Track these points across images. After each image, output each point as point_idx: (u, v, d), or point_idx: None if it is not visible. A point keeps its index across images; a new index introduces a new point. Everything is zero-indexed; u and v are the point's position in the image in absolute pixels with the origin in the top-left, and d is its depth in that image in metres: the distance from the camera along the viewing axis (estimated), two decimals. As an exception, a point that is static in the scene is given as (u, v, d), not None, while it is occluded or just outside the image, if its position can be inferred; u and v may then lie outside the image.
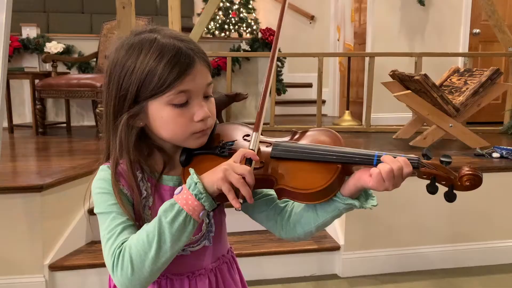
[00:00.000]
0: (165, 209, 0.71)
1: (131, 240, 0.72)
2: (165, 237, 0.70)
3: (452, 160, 0.73)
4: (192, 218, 0.71)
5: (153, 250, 0.69)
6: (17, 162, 2.63)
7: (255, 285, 2.16)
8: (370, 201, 0.78)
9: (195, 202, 0.71)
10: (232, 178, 0.70)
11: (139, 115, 0.78)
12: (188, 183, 0.72)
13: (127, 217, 0.76)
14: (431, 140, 2.94)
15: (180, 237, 0.71)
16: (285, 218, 0.86)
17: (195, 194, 0.70)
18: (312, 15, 5.91)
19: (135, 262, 0.70)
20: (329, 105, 5.61)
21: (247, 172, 0.71)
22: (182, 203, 0.71)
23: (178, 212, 0.70)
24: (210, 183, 0.71)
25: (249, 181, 0.71)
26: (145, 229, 0.72)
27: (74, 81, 3.54)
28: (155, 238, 0.70)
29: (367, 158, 0.75)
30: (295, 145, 0.81)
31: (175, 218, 0.70)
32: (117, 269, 0.70)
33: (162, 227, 0.70)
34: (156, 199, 0.82)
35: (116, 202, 0.77)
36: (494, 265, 2.40)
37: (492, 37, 4.13)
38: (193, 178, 0.72)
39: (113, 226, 0.74)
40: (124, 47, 0.79)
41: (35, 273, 1.99)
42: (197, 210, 0.71)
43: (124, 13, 2.79)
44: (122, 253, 0.71)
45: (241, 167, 0.72)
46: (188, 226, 0.71)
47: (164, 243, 0.70)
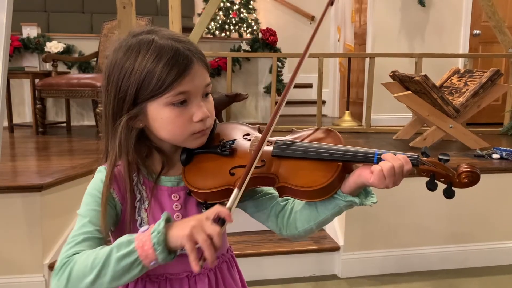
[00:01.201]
0: (121, 243, 0.69)
1: (80, 256, 0.70)
2: (108, 270, 0.68)
3: (450, 158, 0.75)
4: (142, 264, 0.68)
5: (91, 277, 0.68)
6: (17, 161, 2.63)
7: (255, 285, 2.16)
8: (370, 198, 0.79)
9: (150, 250, 0.67)
10: (199, 237, 0.65)
11: (138, 116, 0.78)
12: (154, 228, 0.68)
13: (97, 228, 0.75)
14: (431, 141, 2.94)
15: (121, 277, 0.68)
16: (286, 216, 0.86)
17: (153, 242, 0.67)
18: (313, 16, 5.91)
19: (72, 279, 0.69)
20: (329, 106, 5.61)
21: (216, 234, 0.65)
22: (139, 245, 0.67)
23: (130, 251, 0.68)
24: (174, 237, 0.67)
25: (217, 243, 0.65)
26: (96, 252, 0.70)
27: (74, 80, 3.54)
28: (98, 267, 0.68)
29: (367, 156, 0.76)
30: (296, 144, 0.81)
31: (125, 256, 0.67)
32: (56, 276, 0.70)
33: (109, 259, 0.68)
34: (152, 201, 0.82)
35: (96, 208, 0.77)
36: (494, 266, 2.41)
37: (492, 38, 4.13)
38: (160, 225, 0.68)
39: (79, 232, 0.74)
40: (122, 49, 0.78)
41: (35, 273, 1.99)
42: (149, 258, 0.67)
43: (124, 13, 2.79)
44: (67, 265, 0.70)
45: (211, 227, 0.66)
46: (134, 270, 0.68)
47: (104, 276, 0.68)
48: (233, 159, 0.81)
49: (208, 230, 0.65)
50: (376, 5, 4.53)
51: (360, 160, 0.77)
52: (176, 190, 0.84)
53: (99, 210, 0.77)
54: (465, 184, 0.74)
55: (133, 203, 0.80)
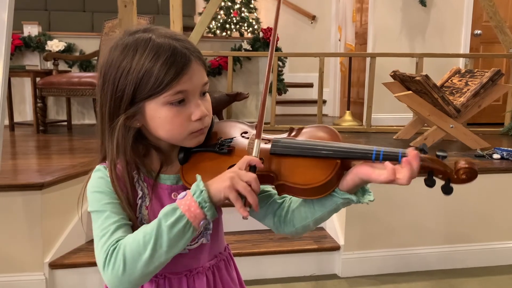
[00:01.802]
0: (166, 213, 0.70)
1: (126, 239, 0.70)
2: (162, 241, 0.69)
3: (447, 154, 0.75)
4: (192, 226, 0.70)
5: (147, 252, 0.68)
6: (18, 160, 2.63)
7: (255, 285, 2.17)
8: (367, 196, 0.79)
9: (198, 210, 0.69)
10: (239, 186, 0.69)
11: (135, 116, 0.78)
12: (193, 189, 0.71)
13: (122, 216, 0.75)
14: (431, 140, 2.94)
15: (177, 243, 0.70)
16: (283, 214, 0.87)
17: (199, 201, 0.69)
18: (314, 15, 5.91)
19: (128, 262, 0.68)
20: (330, 105, 5.61)
21: (253, 180, 0.70)
22: (185, 209, 0.69)
23: (179, 217, 0.69)
24: (216, 191, 0.70)
25: (255, 188, 0.70)
26: (142, 230, 0.70)
27: (75, 79, 3.54)
28: (152, 240, 0.68)
29: (366, 153, 0.76)
30: (294, 141, 0.81)
31: (175, 223, 0.69)
32: (108, 267, 0.69)
33: (160, 230, 0.69)
34: (153, 198, 0.81)
35: (110, 201, 0.76)
36: (493, 266, 2.41)
37: (493, 38, 4.13)
38: (199, 185, 0.71)
39: (107, 224, 0.73)
40: (119, 48, 0.77)
41: (35, 271, 1.99)
42: (198, 218, 0.70)
43: (125, 11, 2.79)
44: (116, 251, 0.69)
45: (247, 175, 0.70)
46: (187, 233, 0.70)
47: (160, 247, 0.69)
48: (231, 157, 0.81)
49: (245, 178, 0.70)
50: (377, 4, 4.52)
51: (358, 157, 0.77)
52: (176, 188, 0.83)
53: (114, 202, 0.76)
54: (463, 180, 0.74)
55: (135, 200, 0.80)
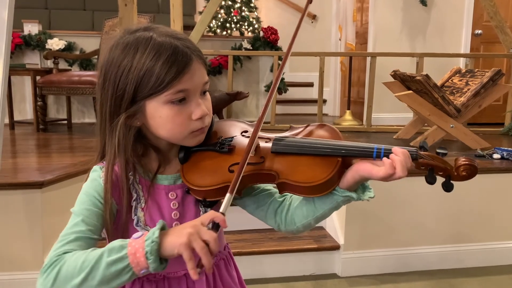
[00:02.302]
0: (113, 248, 0.67)
1: (70, 256, 0.69)
2: (96, 274, 0.66)
3: (447, 152, 0.76)
4: (132, 271, 0.66)
5: (78, 279, 0.66)
6: (18, 158, 2.63)
7: (255, 284, 2.17)
8: (367, 193, 0.79)
9: (142, 259, 0.65)
10: (196, 244, 0.64)
11: (136, 114, 0.78)
12: (148, 236, 0.66)
13: (90, 228, 0.74)
14: (431, 140, 2.94)
15: (110, 282, 0.67)
16: (284, 212, 0.87)
17: (146, 251, 0.65)
18: (314, 15, 5.91)
19: (59, 279, 0.67)
20: (330, 105, 5.60)
21: (213, 240, 0.64)
22: (131, 252, 0.66)
23: (121, 257, 0.66)
24: (169, 245, 0.65)
25: (214, 249, 0.65)
26: (86, 254, 0.68)
27: (75, 78, 3.54)
28: (87, 269, 0.66)
29: (367, 151, 0.77)
30: (295, 140, 0.81)
31: (115, 261, 0.66)
32: (43, 274, 0.68)
33: (99, 263, 0.66)
34: (149, 200, 0.81)
35: (90, 208, 0.76)
36: (493, 266, 2.41)
37: (494, 38, 4.13)
38: (154, 233, 0.66)
39: (71, 231, 0.73)
40: (119, 46, 0.77)
41: (35, 270, 1.99)
42: (140, 266, 0.66)
43: (126, 10, 2.78)
44: (55, 264, 0.68)
45: (208, 233, 0.65)
46: (123, 276, 0.67)
47: (92, 279, 0.66)
48: (232, 156, 0.81)
49: (204, 237, 0.64)
50: (377, 4, 4.52)
51: (359, 155, 0.77)
52: (173, 188, 0.83)
53: (94, 210, 0.76)
54: (463, 177, 0.75)
55: (129, 203, 0.79)
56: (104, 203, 0.77)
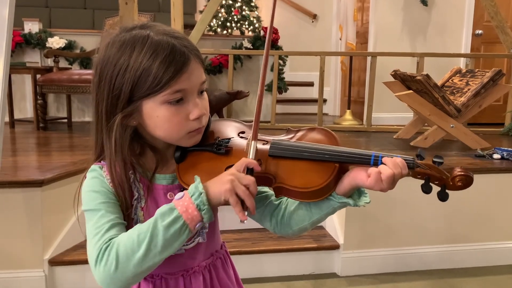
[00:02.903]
0: (163, 213, 0.69)
1: (120, 237, 0.69)
2: (157, 240, 0.67)
3: (444, 160, 0.76)
4: (188, 227, 0.69)
5: (141, 251, 0.67)
6: (18, 157, 2.63)
7: (254, 283, 2.17)
8: (363, 198, 0.79)
9: (195, 212, 0.68)
10: (239, 189, 0.69)
11: (133, 114, 0.76)
12: (192, 191, 0.70)
13: (116, 215, 0.74)
14: (432, 140, 2.93)
15: (172, 244, 0.68)
16: (280, 215, 0.86)
17: (197, 204, 0.68)
18: (315, 14, 5.90)
19: (121, 260, 0.66)
20: (330, 104, 5.60)
21: (252, 183, 0.70)
22: (182, 210, 0.68)
23: (176, 218, 0.68)
24: (216, 194, 0.69)
25: (254, 191, 0.70)
26: (137, 228, 0.69)
27: (76, 76, 3.54)
28: (146, 239, 0.67)
29: (364, 158, 0.77)
30: (294, 144, 0.81)
31: (171, 223, 0.68)
32: (100, 264, 0.67)
33: (156, 229, 0.67)
34: (149, 199, 0.80)
35: (106, 201, 0.75)
36: (492, 266, 2.41)
37: (495, 38, 4.13)
38: (198, 187, 0.70)
39: (101, 223, 0.72)
40: (116, 44, 0.76)
41: (35, 268, 1.99)
42: (195, 220, 0.68)
43: (126, 9, 2.78)
44: (110, 248, 0.67)
45: (247, 178, 0.70)
46: (182, 235, 0.69)
47: (154, 247, 0.67)
48: (229, 157, 0.80)
49: (244, 181, 0.70)
50: (378, 4, 4.52)
51: (357, 161, 0.77)
52: (172, 188, 0.83)
53: (109, 202, 0.75)
54: (458, 187, 0.75)
55: (131, 201, 0.78)
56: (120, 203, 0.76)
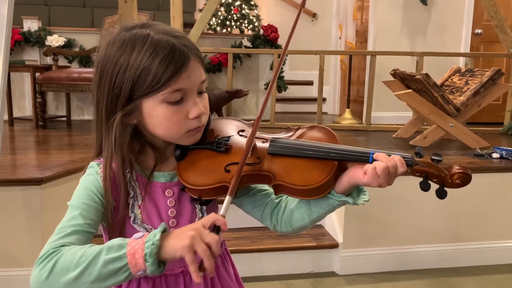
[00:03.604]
0: (112, 246, 0.66)
1: (68, 250, 0.67)
2: (93, 271, 0.65)
3: (442, 158, 0.76)
4: (129, 271, 0.65)
5: (74, 274, 0.65)
6: (17, 155, 2.63)
7: (253, 281, 2.17)
8: (362, 197, 0.79)
9: (140, 260, 0.64)
10: (199, 248, 0.63)
11: (132, 113, 0.77)
12: (148, 237, 0.65)
13: (88, 222, 0.73)
14: (431, 139, 2.94)
15: (106, 280, 0.65)
16: (280, 213, 0.87)
17: (145, 253, 0.64)
18: (314, 13, 5.90)
19: (54, 273, 0.65)
20: (330, 103, 5.60)
21: (214, 242, 0.64)
22: (130, 252, 0.65)
23: (120, 257, 0.65)
24: (171, 249, 0.65)
25: (215, 252, 0.64)
26: (85, 249, 0.67)
27: (75, 74, 3.54)
28: (84, 265, 0.65)
29: (362, 156, 0.77)
30: (293, 142, 0.81)
31: (113, 260, 0.65)
32: (38, 266, 0.66)
33: (97, 260, 0.65)
34: (146, 197, 0.81)
35: (87, 202, 0.75)
36: (492, 265, 2.41)
37: (494, 37, 4.13)
38: (155, 236, 0.65)
39: (68, 224, 0.72)
40: (116, 43, 0.76)
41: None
42: (137, 267, 0.65)
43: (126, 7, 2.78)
44: (52, 257, 0.66)
45: (209, 236, 0.64)
46: (120, 275, 0.65)
47: (88, 275, 0.65)
48: (229, 155, 0.81)
49: (206, 239, 0.64)
50: (378, 3, 4.52)
51: (356, 159, 0.78)
52: (170, 186, 0.83)
53: (91, 204, 0.75)
54: (457, 185, 0.76)
55: (127, 200, 0.79)
56: (105, 202, 0.76)
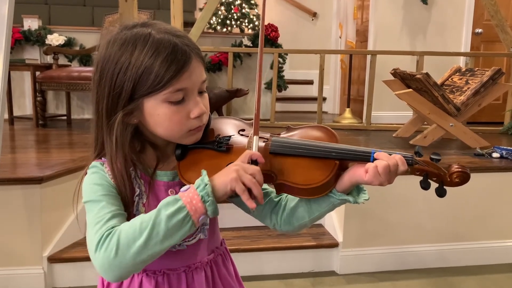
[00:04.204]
0: (168, 202, 0.69)
1: (123, 226, 0.68)
2: (159, 229, 0.66)
3: (441, 158, 0.78)
4: (192, 219, 0.68)
5: (142, 239, 0.66)
6: (17, 154, 2.63)
7: (253, 281, 2.17)
8: (362, 195, 0.80)
9: (200, 204, 0.68)
10: (245, 178, 0.69)
11: (133, 112, 0.77)
12: (197, 183, 0.70)
13: (118, 207, 0.74)
14: (431, 139, 2.94)
15: (174, 234, 0.67)
16: (280, 212, 0.87)
17: (201, 195, 0.68)
18: (314, 12, 5.90)
19: (121, 246, 0.66)
20: (330, 103, 5.60)
21: (257, 172, 0.71)
22: (186, 201, 0.68)
23: (180, 208, 0.68)
24: (222, 185, 0.70)
25: (260, 180, 0.71)
26: (140, 217, 0.69)
27: (75, 73, 3.54)
28: (148, 227, 0.66)
29: (364, 155, 0.78)
30: (294, 141, 0.82)
31: (175, 213, 0.67)
32: (100, 250, 0.67)
33: (159, 218, 0.67)
34: (150, 195, 0.81)
35: (107, 193, 0.75)
36: (491, 265, 2.41)
37: (494, 37, 4.13)
38: (203, 179, 0.70)
39: (102, 213, 0.71)
40: (117, 42, 0.76)
41: (34, 265, 1.99)
42: (198, 212, 0.68)
43: (126, 6, 2.78)
44: (111, 235, 0.67)
45: (252, 167, 0.71)
46: (185, 226, 0.68)
47: (156, 235, 0.66)
48: (229, 155, 0.81)
49: (250, 170, 0.70)
50: (378, 2, 4.51)
51: (357, 158, 0.78)
52: (173, 185, 0.83)
53: (111, 195, 0.75)
54: (456, 183, 0.77)
55: (132, 198, 0.79)
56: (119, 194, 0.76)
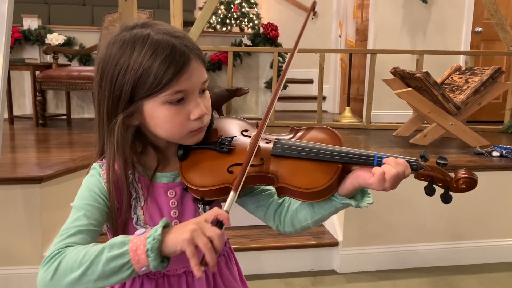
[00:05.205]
0: (114, 243, 0.66)
1: (72, 250, 0.68)
2: (96, 269, 0.65)
3: (448, 162, 0.75)
4: (133, 268, 0.65)
5: (78, 273, 0.65)
6: (17, 153, 2.63)
7: (254, 280, 2.17)
8: (366, 199, 0.79)
9: (143, 256, 0.64)
10: (200, 241, 0.62)
11: (134, 114, 0.77)
12: (150, 233, 0.65)
13: (92, 222, 0.73)
14: (431, 138, 2.94)
15: (109, 278, 0.65)
16: (283, 214, 0.87)
17: (147, 248, 0.64)
18: (314, 11, 5.89)
19: (58, 272, 0.66)
20: (330, 102, 5.60)
21: (216, 236, 0.63)
22: (132, 249, 0.64)
23: (122, 253, 0.65)
24: (172, 243, 0.64)
25: (218, 246, 0.63)
26: (88, 249, 0.67)
27: (75, 73, 3.53)
28: (87, 263, 0.65)
29: (367, 159, 0.76)
30: (297, 144, 0.81)
31: (116, 257, 0.65)
32: (44, 267, 0.68)
33: (99, 258, 0.65)
34: (148, 198, 0.81)
35: (91, 203, 0.75)
36: (491, 264, 2.41)
37: (494, 36, 4.12)
38: (157, 230, 0.65)
39: (72, 225, 0.72)
40: (117, 43, 0.75)
41: (34, 264, 1.99)
42: (141, 263, 0.64)
43: (126, 5, 2.77)
44: (57, 256, 0.67)
45: (211, 230, 0.63)
46: (123, 273, 0.65)
47: (91, 274, 0.65)
48: (232, 156, 0.80)
49: (208, 233, 0.63)
50: (378, 1, 4.51)
51: (360, 162, 0.77)
52: (172, 186, 0.83)
53: (95, 205, 0.75)
54: (462, 190, 0.74)
55: (129, 201, 0.79)
56: (109, 204, 0.76)
